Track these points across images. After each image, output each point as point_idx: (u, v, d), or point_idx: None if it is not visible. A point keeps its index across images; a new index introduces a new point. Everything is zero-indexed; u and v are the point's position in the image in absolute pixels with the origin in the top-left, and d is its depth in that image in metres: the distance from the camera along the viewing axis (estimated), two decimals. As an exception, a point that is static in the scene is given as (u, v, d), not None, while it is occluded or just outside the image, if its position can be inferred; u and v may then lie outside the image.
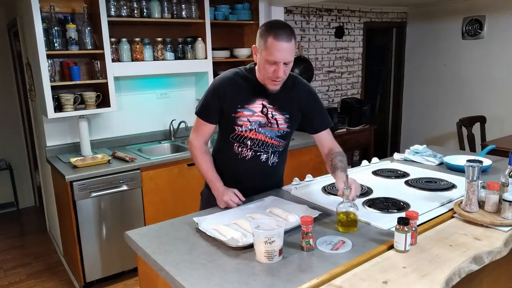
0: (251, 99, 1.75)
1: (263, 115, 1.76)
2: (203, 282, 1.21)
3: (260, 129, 1.77)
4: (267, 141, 1.79)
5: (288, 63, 1.64)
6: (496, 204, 1.57)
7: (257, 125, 1.76)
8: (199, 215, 1.69)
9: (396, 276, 1.22)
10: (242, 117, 1.75)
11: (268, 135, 1.79)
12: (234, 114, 1.75)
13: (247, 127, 1.76)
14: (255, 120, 1.76)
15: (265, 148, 1.81)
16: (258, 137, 1.78)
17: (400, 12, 5.55)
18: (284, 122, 1.79)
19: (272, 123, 1.77)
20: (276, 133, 1.80)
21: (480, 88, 4.94)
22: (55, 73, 3.00)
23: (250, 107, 1.75)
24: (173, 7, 3.28)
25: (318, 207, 1.75)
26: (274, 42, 1.59)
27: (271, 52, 1.60)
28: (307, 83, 1.89)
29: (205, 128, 1.82)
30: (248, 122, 1.75)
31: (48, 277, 3.14)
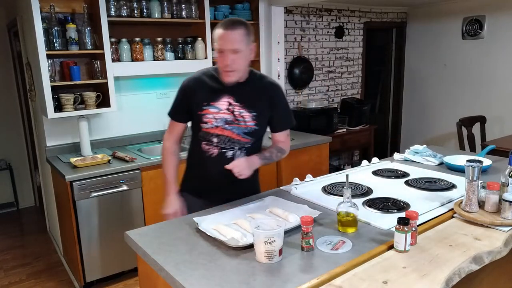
0: (217, 97, 1.78)
1: (229, 112, 1.78)
2: (203, 282, 1.21)
3: (226, 126, 1.78)
4: (233, 138, 1.80)
5: (237, 51, 1.67)
6: (496, 204, 1.57)
7: (223, 122, 1.78)
8: (199, 215, 1.69)
9: (396, 276, 1.22)
10: (207, 114, 1.78)
11: (235, 131, 1.80)
12: (200, 111, 1.79)
13: (212, 124, 1.78)
14: (221, 117, 1.78)
15: (231, 144, 1.82)
16: (224, 133, 1.79)
17: (400, 12, 5.55)
18: (252, 119, 1.80)
19: (239, 120, 1.78)
20: (244, 130, 1.80)
21: (480, 88, 4.94)
22: (55, 73, 3.00)
23: (216, 104, 1.78)
24: (173, 7, 3.28)
25: (318, 207, 1.75)
26: (220, 31, 1.68)
27: (217, 41, 1.69)
28: (276, 82, 1.92)
29: (174, 127, 1.92)
30: (214, 119, 1.78)
31: (48, 277, 3.14)
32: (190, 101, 1.82)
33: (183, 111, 1.87)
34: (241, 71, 1.74)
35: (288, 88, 4.61)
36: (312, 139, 3.54)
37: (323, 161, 3.60)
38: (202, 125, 1.80)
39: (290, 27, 4.49)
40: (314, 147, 3.51)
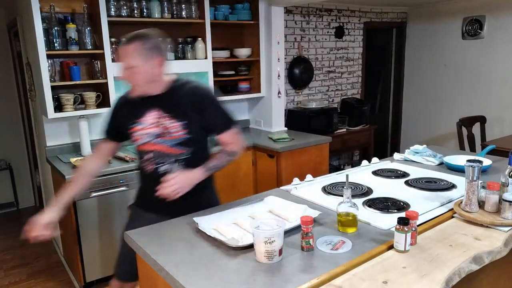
0: (143, 113, 1.76)
1: (157, 125, 1.74)
2: (203, 282, 1.21)
3: (156, 140, 1.74)
4: (165, 151, 1.75)
5: (130, 67, 1.64)
6: (496, 204, 1.57)
7: (152, 137, 1.74)
8: (196, 215, 1.69)
9: (396, 276, 1.22)
10: (135, 132, 1.78)
11: (167, 144, 1.74)
12: (130, 130, 1.80)
13: (141, 140, 1.77)
14: (148, 132, 1.75)
15: (165, 158, 1.76)
16: (156, 148, 1.76)
17: (400, 12, 5.55)
18: (182, 128, 1.73)
19: (170, 132, 1.73)
20: (175, 141, 1.74)
21: (480, 88, 4.94)
22: (55, 73, 3.00)
23: (142, 120, 1.76)
24: (173, 7, 3.28)
25: (318, 207, 1.75)
26: (121, 47, 1.67)
27: (120, 57, 1.68)
28: (201, 85, 1.81)
29: (101, 145, 1.94)
30: (142, 135, 1.76)
31: (48, 277, 3.14)
32: (118, 120, 1.85)
33: (111, 130, 1.90)
34: (142, 86, 1.69)
35: (288, 88, 4.61)
36: (312, 139, 3.54)
37: (323, 161, 3.60)
38: (135, 142, 1.80)
39: (290, 27, 4.49)
40: (314, 147, 3.51)
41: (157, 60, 1.67)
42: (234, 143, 1.82)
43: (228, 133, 1.79)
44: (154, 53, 1.66)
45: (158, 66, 1.68)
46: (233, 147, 1.82)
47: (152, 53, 1.65)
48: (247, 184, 3.48)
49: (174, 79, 1.79)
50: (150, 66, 1.66)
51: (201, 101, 1.75)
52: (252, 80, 3.94)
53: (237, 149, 1.84)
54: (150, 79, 1.69)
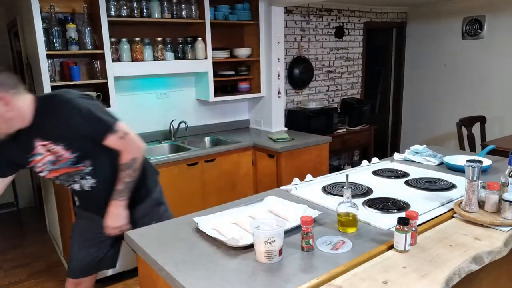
0: (31, 146, 1.67)
1: (49, 153, 1.68)
2: (203, 282, 1.21)
3: (55, 166, 1.71)
4: (68, 172, 1.73)
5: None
6: (496, 204, 1.57)
7: (51, 164, 1.71)
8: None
9: (396, 276, 1.22)
10: (37, 164, 1.71)
11: (65, 166, 1.71)
12: (30, 164, 1.72)
13: (46, 169, 1.72)
14: (47, 161, 1.70)
15: (72, 178, 1.76)
16: (60, 173, 1.74)
17: (400, 12, 5.55)
18: (65, 150, 1.67)
19: (59, 156, 1.68)
20: (70, 162, 1.70)
21: (480, 88, 4.94)
22: (55, 73, 3.00)
23: (36, 152, 1.68)
24: (173, 7, 3.28)
25: (318, 207, 1.75)
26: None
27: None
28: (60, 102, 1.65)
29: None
30: (44, 165, 1.71)
31: (48, 277, 3.14)
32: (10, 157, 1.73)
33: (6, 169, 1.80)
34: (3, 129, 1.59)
35: (288, 88, 4.61)
36: (312, 139, 3.54)
37: (323, 161, 3.60)
38: (40, 174, 1.75)
39: (290, 27, 4.49)
40: (314, 147, 3.51)
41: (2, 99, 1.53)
42: (126, 151, 1.71)
43: (110, 140, 1.68)
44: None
45: (5, 105, 1.54)
46: (128, 157, 1.71)
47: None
48: (247, 184, 3.48)
49: (35, 104, 1.63)
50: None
51: (64, 118, 1.62)
52: (252, 80, 3.94)
53: (133, 155, 1.72)
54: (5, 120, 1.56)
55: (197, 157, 3.16)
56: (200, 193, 3.22)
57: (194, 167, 3.16)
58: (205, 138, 3.77)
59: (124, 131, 1.71)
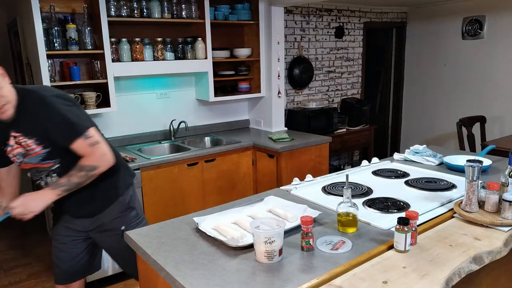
0: (6, 135, 1.70)
1: (19, 145, 1.69)
2: (203, 282, 1.21)
3: (25, 159, 1.72)
4: (38, 167, 1.74)
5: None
6: (496, 204, 1.58)
7: (21, 157, 1.72)
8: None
9: (396, 276, 1.22)
10: (9, 154, 1.73)
11: (33, 161, 1.71)
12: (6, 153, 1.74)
13: (17, 160, 1.75)
14: (17, 153, 1.71)
15: (40, 173, 1.77)
16: (30, 166, 1.75)
17: (400, 12, 5.55)
18: (36, 145, 1.67)
19: (28, 149, 1.68)
20: (39, 158, 1.70)
21: (480, 88, 4.94)
22: (55, 73, 3.00)
23: (9, 143, 1.71)
24: (173, 7, 3.28)
25: (318, 207, 1.75)
26: None
27: None
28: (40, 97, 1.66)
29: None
30: (14, 156, 1.73)
31: (48, 277, 3.14)
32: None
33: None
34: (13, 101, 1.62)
35: (288, 88, 4.61)
36: (312, 139, 3.54)
37: (323, 161, 3.60)
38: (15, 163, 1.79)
39: (290, 27, 4.49)
40: (314, 147, 3.51)
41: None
42: (90, 157, 1.68)
43: (77, 145, 1.65)
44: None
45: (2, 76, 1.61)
46: (89, 161, 1.68)
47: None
48: (247, 184, 3.48)
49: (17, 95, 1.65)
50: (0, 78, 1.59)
51: (39, 115, 1.63)
52: (252, 80, 3.94)
53: (95, 162, 1.69)
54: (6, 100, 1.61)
55: (197, 157, 3.16)
56: (200, 193, 3.22)
57: (194, 167, 3.16)
58: (205, 138, 3.78)
59: (95, 139, 1.69)
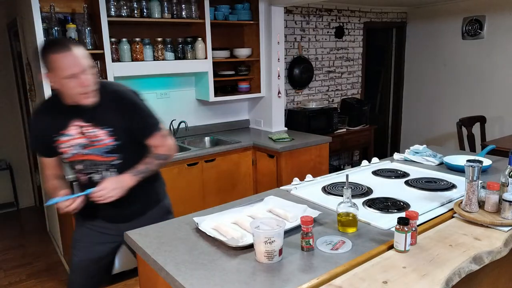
0: (64, 124, 1.68)
1: (82, 136, 1.68)
2: (203, 282, 1.21)
3: (84, 150, 1.70)
4: (96, 160, 1.71)
5: (86, 70, 1.56)
6: (496, 204, 1.58)
7: (80, 148, 1.69)
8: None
9: (396, 276, 1.22)
10: (61, 144, 1.70)
11: (96, 153, 1.71)
12: (53, 143, 1.71)
13: (70, 152, 1.71)
14: (76, 144, 1.69)
15: (96, 167, 1.73)
16: (86, 158, 1.71)
17: (400, 12, 5.55)
18: (108, 136, 1.68)
19: (94, 141, 1.68)
20: (104, 150, 1.70)
21: (480, 88, 4.94)
22: (55, 73, 3.00)
23: (66, 132, 1.68)
24: (173, 7, 3.28)
25: (318, 207, 1.75)
26: (62, 56, 1.51)
27: (64, 68, 1.52)
28: (124, 90, 1.74)
29: (46, 161, 1.80)
30: (69, 147, 1.70)
31: (48, 277, 3.14)
32: (41, 136, 1.73)
33: (42, 145, 1.76)
34: (91, 88, 1.63)
35: (288, 88, 4.61)
36: (312, 139, 3.54)
37: (323, 161, 3.60)
38: (63, 155, 1.74)
39: (290, 27, 4.49)
40: (314, 147, 3.51)
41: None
42: (164, 147, 1.79)
43: (155, 137, 1.76)
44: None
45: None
46: (163, 151, 1.78)
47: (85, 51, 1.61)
48: (247, 184, 3.48)
49: (98, 86, 1.67)
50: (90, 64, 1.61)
51: (125, 106, 1.70)
52: (252, 80, 3.94)
53: (167, 152, 1.80)
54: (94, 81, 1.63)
55: (197, 157, 3.16)
56: (200, 193, 3.22)
57: (194, 167, 3.16)
58: (205, 138, 3.78)
59: (166, 131, 1.83)
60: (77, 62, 1.54)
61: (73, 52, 1.53)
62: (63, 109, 1.67)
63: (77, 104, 1.64)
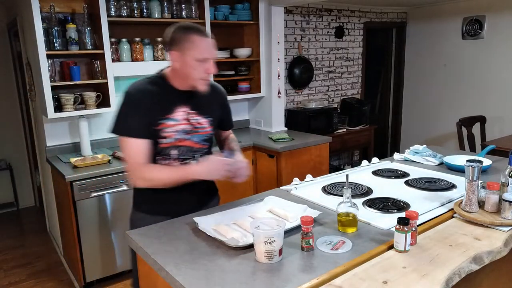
0: (171, 109, 1.65)
1: (187, 122, 1.69)
2: (203, 282, 1.21)
3: (186, 136, 1.69)
4: (193, 146, 1.72)
5: (213, 60, 1.63)
6: (496, 204, 1.57)
7: (183, 133, 1.68)
8: (198, 215, 1.69)
9: (396, 276, 1.22)
10: (166, 128, 1.64)
11: (195, 140, 1.72)
12: (156, 127, 1.63)
13: (173, 137, 1.66)
14: (180, 129, 1.67)
15: (192, 153, 1.73)
16: (184, 144, 1.70)
17: (400, 12, 5.55)
18: (208, 125, 1.76)
19: (197, 127, 1.72)
20: (203, 137, 1.75)
21: (480, 88, 4.94)
22: (55, 73, 3.01)
23: (172, 117, 1.65)
24: (173, 7, 3.28)
25: (318, 207, 1.75)
26: (202, 39, 1.57)
27: (201, 50, 1.57)
28: (216, 83, 1.90)
29: (142, 146, 1.61)
30: (174, 132, 1.66)
31: (48, 277, 3.14)
32: (145, 115, 1.61)
33: (143, 126, 1.61)
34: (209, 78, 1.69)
35: (288, 88, 4.61)
36: (312, 139, 3.54)
37: (323, 161, 3.60)
38: (161, 140, 1.65)
39: (290, 27, 4.49)
40: (314, 147, 3.51)
41: None
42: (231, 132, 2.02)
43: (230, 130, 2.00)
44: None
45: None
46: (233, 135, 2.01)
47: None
48: (247, 184, 3.48)
49: None
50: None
51: (223, 98, 1.88)
52: (252, 80, 3.94)
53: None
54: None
55: (197, 157, 3.16)
56: (200, 193, 3.22)
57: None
58: (205, 138, 3.77)
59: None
60: (212, 49, 1.62)
61: (211, 39, 1.61)
62: (171, 93, 1.66)
63: (187, 90, 1.66)
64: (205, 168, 1.61)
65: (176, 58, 1.60)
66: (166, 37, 1.61)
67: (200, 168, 1.62)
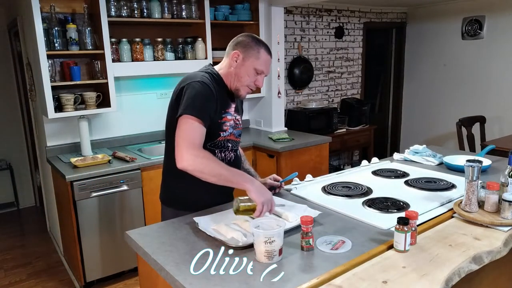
0: (228, 103, 1.77)
1: (234, 118, 1.81)
2: (203, 282, 1.21)
3: (234, 131, 1.82)
4: (236, 140, 1.86)
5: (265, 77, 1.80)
6: (496, 204, 1.58)
7: (232, 128, 1.80)
8: (199, 215, 1.69)
9: (396, 276, 1.22)
10: (226, 121, 1.75)
11: (236, 134, 1.84)
12: (220, 119, 1.71)
13: (228, 131, 1.77)
14: (233, 124, 1.80)
15: (236, 145, 1.89)
16: (231, 138, 1.82)
17: (400, 12, 5.56)
18: (241, 122, 1.90)
19: (238, 123, 1.85)
20: (239, 132, 1.88)
21: (480, 88, 4.94)
22: (55, 73, 3.01)
23: (229, 111, 1.77)
24: (173, 7, 3.28)
25: (318, 207, 1.76)
26: (267, 56, 1.73)
27: (262, 62, 1.71)
28: None
29: (202, 132, 1.62)
30: (229, 126, 1.77)
31: (48, 277, 3.15)
32: (215, 109, 1.67)
33: (210, 118, 1.65)
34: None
35: (288, 88, 4.61)
36: (312, 139, 3.54)
37: (323, 161, 3.60)
38: (221, 133, 1.73)
39: (290, 27, 4.49)
40: (314, 147, 3.51)
41: None
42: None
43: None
44: None
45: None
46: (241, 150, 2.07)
47: None
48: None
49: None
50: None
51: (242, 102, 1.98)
52: (252, 80, 3.94)
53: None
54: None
55: (197, 157, 3.15)
56: (200, 193, 3.22)
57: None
58: (205, 138, 3.77)
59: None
60: (269, 68, 1.78)
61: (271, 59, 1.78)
62: (227, 91, 1.78)
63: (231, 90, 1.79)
64: (261, 190, 1.56)
65: (237, 58, 1.73)
66: (238, 38, 1.80)
67: (257, 186, 1.56)
